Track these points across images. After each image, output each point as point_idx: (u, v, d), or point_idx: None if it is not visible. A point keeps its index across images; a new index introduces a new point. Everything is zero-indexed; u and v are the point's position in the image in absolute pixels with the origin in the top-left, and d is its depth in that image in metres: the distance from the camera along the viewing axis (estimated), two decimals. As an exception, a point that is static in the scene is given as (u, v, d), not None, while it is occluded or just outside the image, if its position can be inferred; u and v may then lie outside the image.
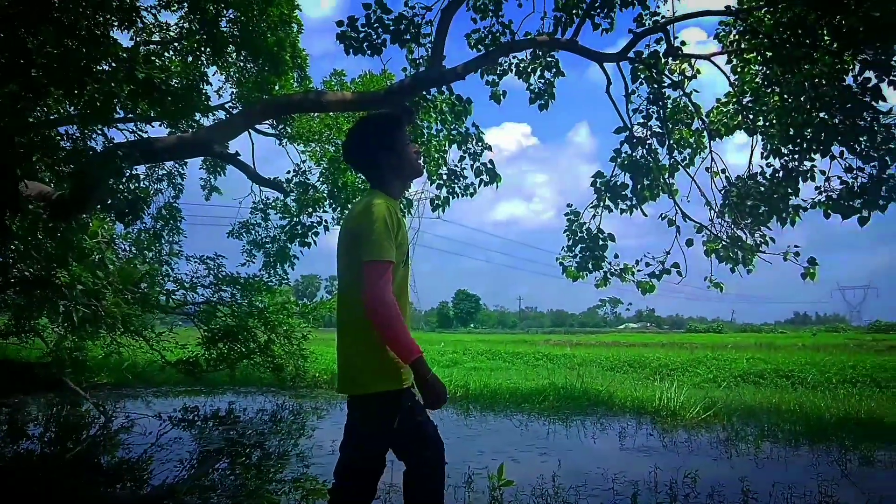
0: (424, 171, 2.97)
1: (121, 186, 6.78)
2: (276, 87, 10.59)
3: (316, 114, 10.72)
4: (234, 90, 11.21)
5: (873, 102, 6.64)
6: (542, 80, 9.35)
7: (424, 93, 8.66)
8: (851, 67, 6.83)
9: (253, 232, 10.46)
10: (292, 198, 9.78)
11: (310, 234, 9.42)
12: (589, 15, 8.15)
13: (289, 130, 11.16)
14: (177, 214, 11.24)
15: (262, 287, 10.11)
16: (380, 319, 2.39)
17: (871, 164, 6.88)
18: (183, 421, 9.20)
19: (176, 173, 11.50)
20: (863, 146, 6.83)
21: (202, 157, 10.55)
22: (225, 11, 9.27)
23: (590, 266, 8.72)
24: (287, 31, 10.34)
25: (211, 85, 9.33)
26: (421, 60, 8.39)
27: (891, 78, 6.54)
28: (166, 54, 9.90)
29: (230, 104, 11.13)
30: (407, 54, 8.49)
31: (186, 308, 10.41)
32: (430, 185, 9.96)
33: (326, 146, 11.12)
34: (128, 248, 10.31)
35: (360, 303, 2.43)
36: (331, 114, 10.68)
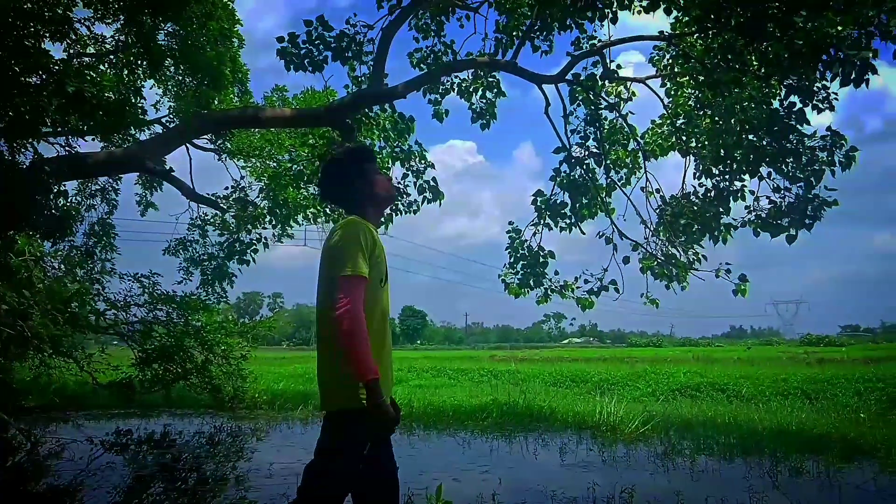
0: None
1: (49, 203, 6.53)
2: (216, 102, 10.42)
3: (256, 129, 10.58)
4: (172, 104, 10.98)
5: (798, 126, 6.96)
6: (484, 100, 9.49)
7: (367, 110, 8.65)
8: (778, 92, 7.15)
9: (190, 249, 10.20)
10: (231, 214, 9.59)
11: (248, 251, 9.24)
12: (529, 37, 8.32)
13: (228, 146, 10.98)
14: (110, 231, 10.89)
15: (199, 305, 9.86)
16: (345, 331, 2.44)
17: (798, 184, 7.21)
18: (115, 445, 8.85)
19: (110, 189, 11.16)
20: (789, 167, 7.14)
21: (138, 173, 10.26)
22: (163, 25, 9.09)
23: (531, 283, 8.83)
24: (228, 45, 10.21)
25: (145, 99, 9.12)
26: (363, 78, 8.40)
27: (814, 102, 6.87)
28: (101, 67, 9.66)
29: (167, 119, 10.90)
30: (349, 72, 8.49)
31: (120, 328, 10.07)
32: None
33: (267, 162, 10.97)
34: (57, 267, 9.95)
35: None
36: (272, 129, 10.56)
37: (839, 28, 5.96)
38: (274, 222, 9.64)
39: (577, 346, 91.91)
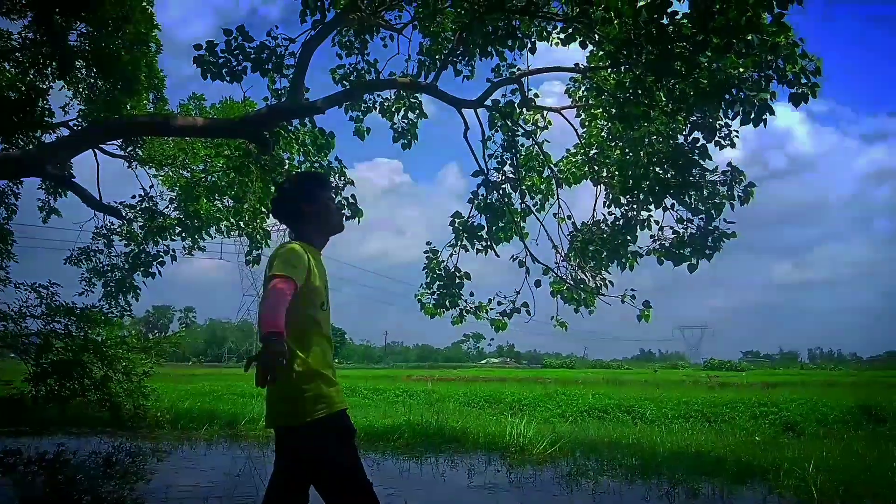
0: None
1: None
2: (128, 108, 10.06)
3: (170, 138, 10.26)
4: (83, 108, 10.53)
5: (701, 160, 7.34)
6: (406, 120, 9.54)
7: (286, 124, 8.56)
8: (683, 128, 7.52)
9: (94, 259, 9.72)
10: (138, 224, 9.24)
11: (155, 263, 8.91)
12: (451, 62, 8.45)
13: (139, 153, 10.58)
14: (7, 237, 10.29)
15: (101, 319, 9.42)
16: (267, 297, 2.60)
17: (699, 216, 7.58)
18: (1, 465, 8.30)
19: (9, 192, 10.55)
20: (692, 200, 7.51)
21: (40, 178, 9.75)
22: (76, 24, 8.74)
23: (446, 303, 8.88)
24: (144, 50, 9.90)
25: (46, 101, 8.72)
26: (283, 91, 8.30)
27: (717, 139, 7.27)
28: (5, 65, 9.19)
29: (75, 122, 10.43)
30: (269, 84, 8.37)
31: (13, 340, 9.51)
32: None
33: (181, 171, 10.63)
34: (-57, 274, 9.33)
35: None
36: (186, 138, 10.27)
37: (741, 70, 6.35)
38: (184, 234, 9.33)
39: (495, 366, 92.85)
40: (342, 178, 9.34)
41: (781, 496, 6.79)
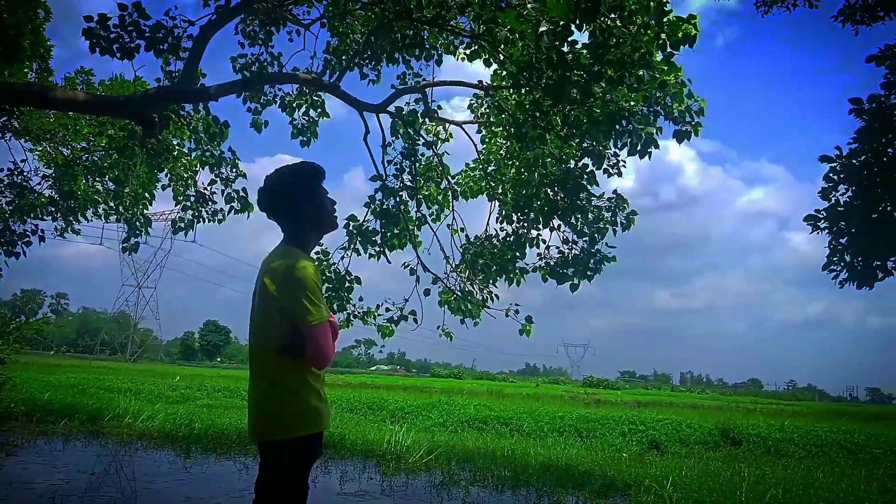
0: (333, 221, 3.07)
1: None
2: (6, 75, 9.34)
3: (51, 111, 9.61)
4: (-47, 70, 9.68)
5: (589, 186, 7.64)
6: (307, 118, 9.38)
7: (179, 108, 8.21)
8: (575, 153, 7.81)
9: (-48, 234, 8.92)
10: (6, 200, 8.56)
11: (20, 243, 8.28)
12: (357, 64, 8.40)
13: (15, 124, 9.83)
14: None
15: (-48, 298, 8.64)
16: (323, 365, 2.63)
17: (584, 238, 7.88)
18: None
19: None
20: (578, 222, 7.81)
21: None
22: (-53, -21, 8.03)
23: (335, 307, 8.77)
24: (30, 15, 9.24)
25: None
26: (177, 73, 7.97)
27: (605, 167, 7.59)
28: None
29: (-59, 84, 9.57)
30: (163, 65, 8.02)
31: None
32: (176, 205, 9.41)
33: (60, 148, 9.96)
34: None
35: (275, 352, 2.59)
36: (70, 114, 9.63)
37: (632, 103, 6.68)
38: (58, 214, 8.73)
39: (384, 373, 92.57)
40: (234, 170, 9.08)
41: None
